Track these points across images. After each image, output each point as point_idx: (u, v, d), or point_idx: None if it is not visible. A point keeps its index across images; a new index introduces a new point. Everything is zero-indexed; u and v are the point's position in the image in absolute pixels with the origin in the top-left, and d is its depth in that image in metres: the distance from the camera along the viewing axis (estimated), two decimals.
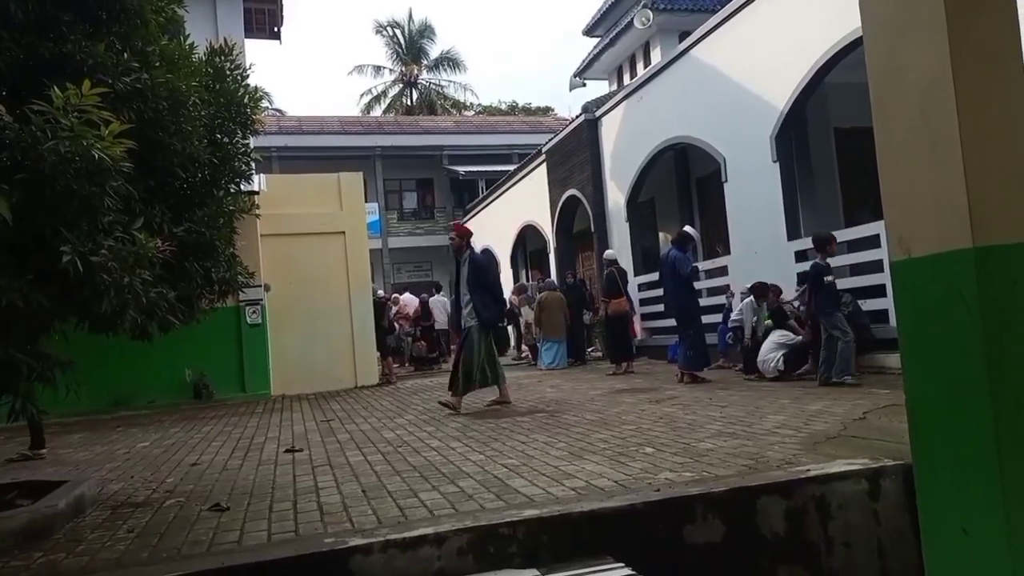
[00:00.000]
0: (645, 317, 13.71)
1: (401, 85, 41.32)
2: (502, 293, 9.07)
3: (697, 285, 10.21)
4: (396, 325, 17.02)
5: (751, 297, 9.46)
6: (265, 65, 37.30)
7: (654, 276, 12.51)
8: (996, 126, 2.65)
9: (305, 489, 4.64)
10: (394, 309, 16.87)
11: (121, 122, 3.38)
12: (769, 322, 9.20)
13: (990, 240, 2.60)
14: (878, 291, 8.28)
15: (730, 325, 10.13)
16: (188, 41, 4.77)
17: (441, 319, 16.84)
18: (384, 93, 41.18)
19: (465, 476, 4.59)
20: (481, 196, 25.30)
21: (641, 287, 13.69)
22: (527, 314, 15.52)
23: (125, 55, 3.96)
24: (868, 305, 8.48)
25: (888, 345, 8.04)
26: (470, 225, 25.27)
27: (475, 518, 3.55)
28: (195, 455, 6.45)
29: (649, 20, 19.36)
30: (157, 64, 4.19)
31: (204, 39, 5.37)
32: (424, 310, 17.12)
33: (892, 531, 3.87)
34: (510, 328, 17.78)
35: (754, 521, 3.72)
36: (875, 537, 3.87)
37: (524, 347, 16.49)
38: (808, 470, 4.01)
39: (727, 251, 11.78)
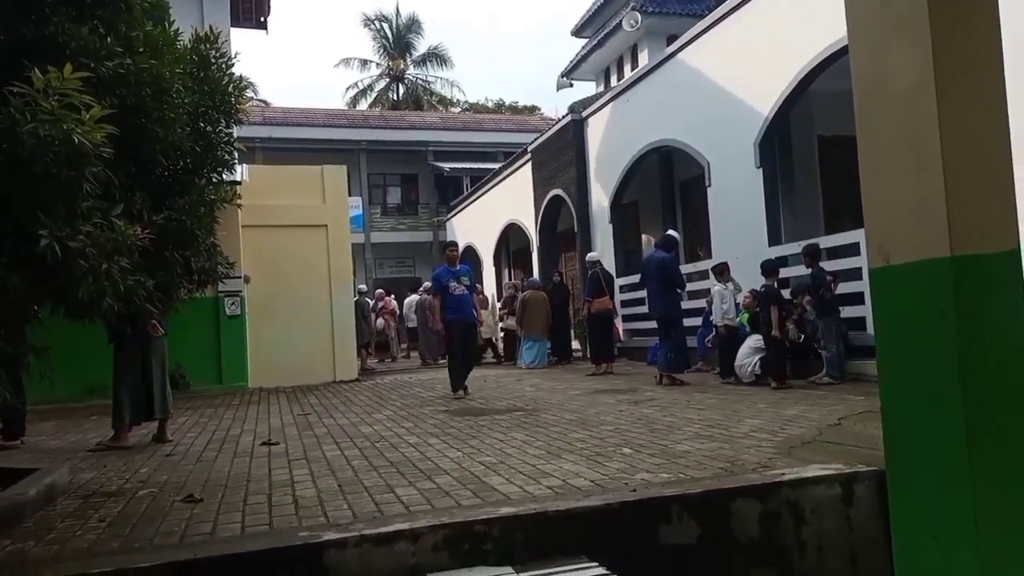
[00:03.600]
0: (626, 319, 13.75)
1: (387, 80, 41.11)
2: None
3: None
4: (382, 320, 17.02)
5: (719, 285, 9.54)
6: (251, 55, 36.87)
7: (636, 278, 12.56)
8: (977, 136, 2.69)
9: (280, 482, 4.61)
10: (380, 304, 16.93)
11: (103, 107, 3.33)
12: (746, 320, 9.28)
13: (967, 250, 2.64)
14: (857, 298, 8.37)
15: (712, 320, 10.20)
16: (173, 28, 4.71)
17: (412, 318, 17.77)
18: (370, 87, 40.95)
19: (442, 473, 4.58)
20: (466, 193, 25.28)
21: (623, 289, 13.73)
22: (484, 316, 15.73)
23: (109, 39, 3.90)
24: (847, 312, 8.57)
25: (865, 352, 8.13)
26: (455, 222, 25.44)
27: (451, 515, 3.55)
28: (169, 446, 6.39)
29: (637, 23, 19.41)
30: (141, 50, 4.13)
31: (190, 26, 5.31)
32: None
33: (865, 537, 3.91)
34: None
35: (729, 523, 3.75)
36: (848, 542, 3.91)
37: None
38: (783, 474, 4.05)
39: (708, 255, 11.85)
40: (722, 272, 9.63)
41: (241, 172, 10.83)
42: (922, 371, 2.79)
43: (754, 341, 8.90)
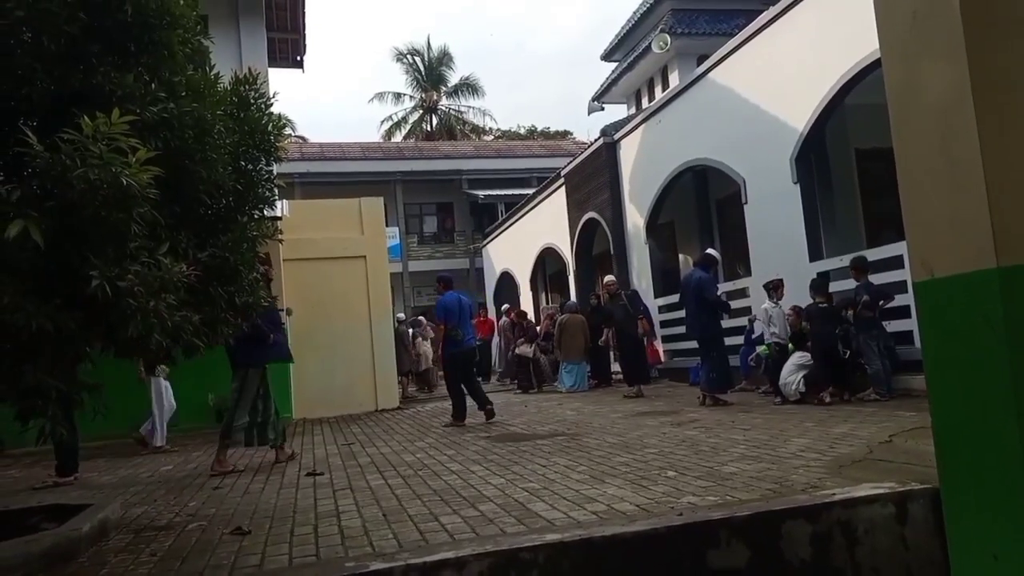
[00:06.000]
0: (666, 339, 13.64)
1: (421, 111, 41.79)
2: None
3: None
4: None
5: (768, 303, 9.39)
6: (288, 93, 37.83)
7: (675, 298, 12.47)
8: (1018, 145, 2.64)
9: (326, 513, 4.65)
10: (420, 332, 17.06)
11: (148, 150, 3.45)
12: (791, 345, 9.11)
13: (1014, 260, 2.58)
14: (902, 312, 8.19)
15: (756, 336, 10.05)
16: (214, 71, 4.86)
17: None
18: (404, 119, 41.67)
19: (486, 500, 4.57)
20: (500, 220, 25.43)
21: (661, 309, 13.63)
22: (420, 346, 16.16)
23: (153, 85, 4.04)
24: (893, 326, 8.40)
25: (914, 366, 7.93)
26: (490, 248, 25.58)
27: (496, 542, 3.53)
28: (217, 478, 6.48)
29: (667, 44, 19.46)
30: (184, 94, 4.27)
31: (229, 69, 5.46)
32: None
33: (921, 557, 3.79)
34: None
35: (779, 546, 3.67)
36: (904, 563, 3.80)
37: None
38: (834, 494, 3.95)
39: (748, 272, 11.72)
40: (776, 288, 9.46)
41: (281, 208, 11.04)
42: (973, 385, 2.72)
43: (797, 358, 8.75)
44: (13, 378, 3.49)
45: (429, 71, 41.30)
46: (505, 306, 19.35)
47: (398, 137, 40.86)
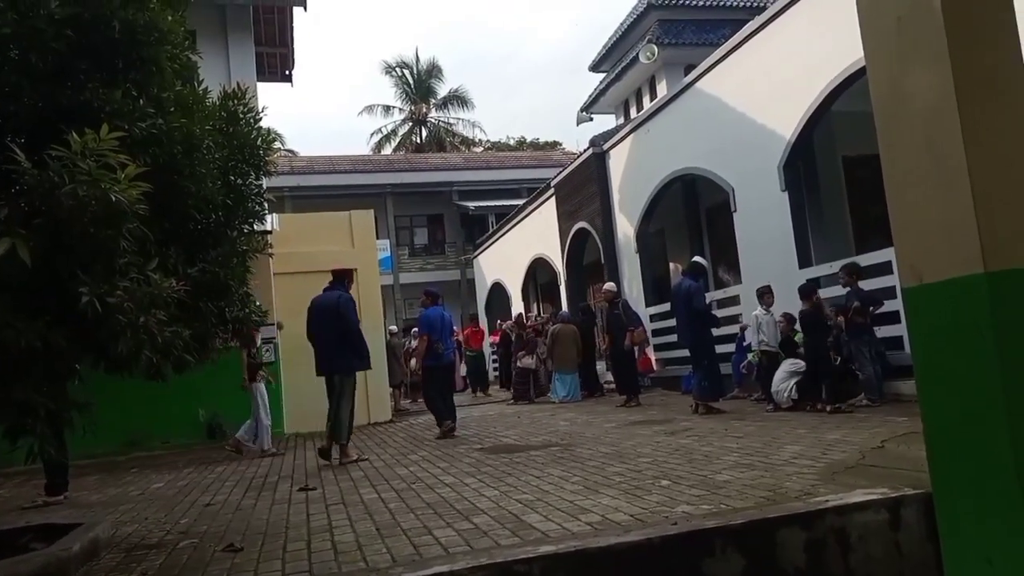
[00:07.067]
0: (658, 348, 13.66)
1: (410, 123, 41.83)
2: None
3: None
4: (415, 361, 17.09)
5: (759, 310, 9.41)
6: (277, 107, 37.89)
7: (666, 306, 12.50)
8: (1003, 151, 2.66)
9: (319, 528, 4.62)
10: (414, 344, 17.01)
11: (137, 166, 3.44)
12: (781, 353, 9.13)
13: (1002, 265, 2.60)
14: (892, 317, 8.23)
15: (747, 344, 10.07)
16: (202, 86, 4.86)
17: None
18: (394, 132, 41.69)
19: (479, 512, 4.55)
20: (491, 231, 25.44)
21: (653, 318, 13.65)
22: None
23: (141, 101, 4.04)
24: (883, 332, 8.44)
25: (905, 372, 7.97)
26: (482, 259, 25.59)
27: (490, 555, 3.52)
28: (209, 495, 6.44)
29: (654, 55, 19.58)
30: (172, 109, 4.27)
31: (218, 84, 5.47)
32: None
33: (915, 562, 3.80)
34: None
35: (773, 554, 3.67)
36: (898, 568, 3.81)
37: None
38: (827, 501, 3.96)
39: (738, 280, 11.76)
40: (762, 295, 9.47)
41: (271, 222, 11.03)
42: (963, 390, 2.74)
43: (788, 365, 8.77)
44: (2, 395, 3.46)
45: (418, 84, 41.39)
46: (518, 312, 19.50)
47: (388, 150, 40.89)
